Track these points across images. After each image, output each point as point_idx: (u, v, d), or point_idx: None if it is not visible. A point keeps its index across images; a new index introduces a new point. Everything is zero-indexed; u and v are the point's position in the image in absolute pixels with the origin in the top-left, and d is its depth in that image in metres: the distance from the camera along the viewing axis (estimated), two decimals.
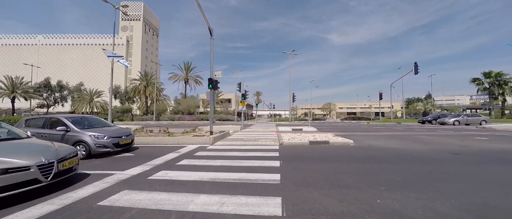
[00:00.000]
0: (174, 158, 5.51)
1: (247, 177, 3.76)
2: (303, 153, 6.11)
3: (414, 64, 22.78)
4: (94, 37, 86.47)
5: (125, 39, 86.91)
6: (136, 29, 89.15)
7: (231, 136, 10.52)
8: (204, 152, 6.37)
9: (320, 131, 13.81)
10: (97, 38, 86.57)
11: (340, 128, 18.30)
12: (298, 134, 10.34)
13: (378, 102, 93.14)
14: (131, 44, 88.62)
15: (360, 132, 13.01)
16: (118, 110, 36.16)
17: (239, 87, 15.44)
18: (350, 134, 11.56)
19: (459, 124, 19.87)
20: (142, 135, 9.13)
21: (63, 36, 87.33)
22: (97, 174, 4.11)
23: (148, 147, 7.39)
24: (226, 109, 48.83)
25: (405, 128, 16.86)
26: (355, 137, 9.80)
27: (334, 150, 6.56)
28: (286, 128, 15.60)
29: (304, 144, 7.51)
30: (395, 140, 8.87)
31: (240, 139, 9.30)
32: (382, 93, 27.53)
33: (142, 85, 37.31)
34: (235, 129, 14.70)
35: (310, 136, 9.25)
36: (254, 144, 7.79)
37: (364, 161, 5.04)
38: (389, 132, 12.81)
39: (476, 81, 30.02)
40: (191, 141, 7.97)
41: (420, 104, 34.52)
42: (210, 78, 8.90)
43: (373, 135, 11.03)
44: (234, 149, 6.78)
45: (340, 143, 7.59)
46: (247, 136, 10.55)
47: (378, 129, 16.41)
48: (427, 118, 23.88)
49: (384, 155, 5.70)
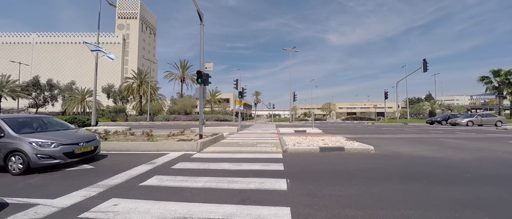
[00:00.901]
0: (142, 174, 4.04)
1: (238, 212, 2.32)
2: (315, 164, 4.67)
3: (423, 61, 21.44)
4: (90, 36, 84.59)
5: (121, 37, 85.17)
6: (132, 28, 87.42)
7: (225, 140, 9.06)
8: (187, 163, 4.91)
9: (327, 133, 12.39)
10: (93, 36, 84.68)
11: (346, 129, 16.89)
12: (303, 137, 8.91)
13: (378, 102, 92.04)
14: (128, 43, 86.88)
15: (372, 135, 11.61)
16: (111, 110, 34.57)
17: (235, 84, 13.99)
18: (362, 137, 10.15)
19: (473, 124, 18.55)
20: (119, 139, 7.66)
21: (57, 35, 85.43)
22: (14, 205, 2.68)
23: (119, 156, 5.92)
24: (224, 109, 47.36)
25: (417, 129, 15.48)
26: (371, 141, 8.38)
27: (355, 160, 5.12)
28: (288, 129, 14.17)
29: (313, 151, 6.07)
30: (421, 145, 7.45)
31: (235, 144, 7.84)
32: (387, 92, 26.20)
33: (135, 84, 35.73)
34: (231, 131, 13.24)
35: (317, 140, 7.81)
36: (251, 151, 6.34)
37: (405, 179, 3.61)
38: (405, 134, 11.41)
39: (485, 79, 28.77)
40: (175, 147, 6.50)
41: (427, 104, 33.21)
42: (199, 71, 7.44)
43: (390, 139, 9.62)
44: (225, 159, 5.32)
45: (358, 150, 6.15)
46: (244, 140, 9.10)
47: (389, 130, 15.03)
48: (436, 119, 22.55)
49: (425, 169, 4.27)
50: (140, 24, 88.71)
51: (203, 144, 6.76)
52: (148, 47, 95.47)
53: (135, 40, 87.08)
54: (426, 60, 21.42)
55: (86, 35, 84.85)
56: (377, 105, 30.49)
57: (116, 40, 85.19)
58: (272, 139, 9.29)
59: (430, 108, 32.23)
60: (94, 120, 15.11)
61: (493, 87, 28.01)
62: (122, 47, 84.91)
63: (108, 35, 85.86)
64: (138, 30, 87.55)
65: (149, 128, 20.36)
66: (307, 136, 9.50)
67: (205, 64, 7.90)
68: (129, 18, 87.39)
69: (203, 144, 6.76)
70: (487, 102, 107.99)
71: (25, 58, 76.65)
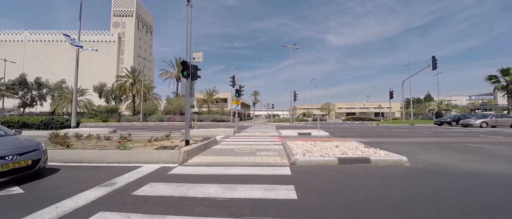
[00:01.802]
0: (81, 209, 2.60)
1: None
2: (342, 189, 3.25)
3: (432, 59, 20.22)
4: (83, 34, 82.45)
5: (116, 35, 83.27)
6: (128, 26, 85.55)
7: (218, 146, 7.61)
8: (158, 185, 3.47)
9: (335, 136, 11.00)
10: (87, 34, 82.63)
11: (353, 131, 15.55)
12: (311, 142, 7.50)
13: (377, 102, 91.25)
14: (123, 41, 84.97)
15: (387, 138, 10.24)
16: (102, 110, 32.90)
17: (232, 81, 12.56)
18: (378, 142, 8.77)
19: (487, 126, 17.34)
20: (87, 146, 6.20)
21: (50, 32, 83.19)
22: None
23: (75, 170, 4.47)
24: (221, 109, 45.86)
25: (432, 132, 14.13)
26: (392, 147, 7.01)
27: (393, 179, 3.72)
28: (290, 131, 12.78)
29: (330, 163, 4.67)
30: (458, 153, 6.09)
31: (230, 152, 6.41)
32: (392, 92, 24.95)
33: (128, 83, 34.10)
34: (227, 133, 11.80)
35: (329, 146, 6.41)
36: (249, 163, 4.91)
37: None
38: (423, 138, 10.06)
39: (493, 78, 27.68)
40: (150, 158, 5.05)
41: (433, 103, 32.08)
42: (184, 62, 5.99)
43: (412, 144, 8.25)
44: (214, 177, 3.89)
45: (388, 161, 4.76)
46: (240, 145, 7.67)
47: (401, 133, 13.71)
48: (446, 119, 21.34)
49: (500, 195, 2.87)
50: (136, 22, 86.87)
51: (188, 153, 5.31)
52: (144, 45, 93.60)
53: (131, 39, 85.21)
54: (435, 57, 20.22)
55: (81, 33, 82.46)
56: (381, 105, 29.39)
57: (111, 38, 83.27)
58: (273, 144, 7.87)
59: (436, 108, 31.05)
60: (74, 121, 13.57)
61: (502, 87, 26.92)
62: (118, 46, 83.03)
63: (103, 33, 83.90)
64: (134, 28, 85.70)
65: (140, 129, 18.89)
66: (315, 141, 8.10)
67: (193, 53, 6.46)
68: (125, 16, 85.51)
69: (188, 153, 5.31)
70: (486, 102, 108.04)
71: (17, 57, 74.39)
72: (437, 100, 34.78)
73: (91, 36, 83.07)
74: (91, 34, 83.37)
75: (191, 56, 6.45)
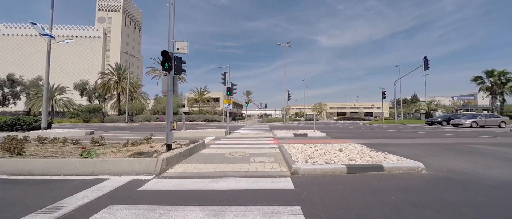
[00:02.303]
0: None
1: None
2: (362, 208, 2.52)
3: (424, 59, 20.34)
4: (65, 28, 77.91)
5: (102, 31, 79.27)
6: (115, 21, 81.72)
7: (206, 150, 6.73)
8: (120, 210, 2.57)
9: (332, 137, 10.42)
10: (69, 29, 78.06)
11: (349, 131, 15.14)
12: (310, 144, 6.81)
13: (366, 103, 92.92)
14: (109, 37, 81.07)
15: (388, 139, 9.78)
16: (83, 110, 30.69)
17: (223, 79, 11.66)
18: (380, 143, 8.25)
19: (477, 125, 17.59)
20: (45, 153, 5.13)
21: (28, 26, 77.75)
22: None
23: (18, 186, 3.46)
24: (213, 108, 44.60)
25: (428, 132, 13.94)
26: (396, 150, 6.47)
27: (417, 193, 3.04)
28: (285, 132, 12.09)
29: (338, 172, 3.96)
30: (468, 157, 5.60)
31: (219, 157, 5.56)
32: (385, 91, 25.03)
33: (113, 80, 32.08)
34: (217, 135, 10.91)
35: (333, 150, 5.74)
36: (242, 173, 4.10)
37: None
38: (423, 139, 9.68)
39: (478, 79, 28.58)
40: (121, 167, 4.11)
41: (423, 103, 32.72)
42: (165, 52, 5.07)
43: (415, 145, 7.78)
44: (196, 195, 3.05)
45: (404, 169, 4.12)
46: (232, 149, 6.83)
47: (397, 133, 13.42)
48: (437, 119, 21.59)
49: None
50: (123, 18, 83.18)
51: (168, 161, 4.41)
52: (132, 42, 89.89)
53: (117, 35, 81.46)
54: (427, 57, 20.34)
55: (60, 28, 77.91)
56: (374, 105, 29.60)
57: (96, 34, 79.20)
58: (269, 147, 7.10)
59: (426, 108, 31.67)
60: (45, 122, 12.11)
61: (486, 88, 27.84)
62: (103, 42, 79.10)
63: (87, 28, 79.60)
64: (121, 23, 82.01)
65: (123, 130, 17.41)
66: (314, 143, 7.43)
67: (177, 43, 5.55)
68: (111, 11, 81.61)
69: (168, 161, 4.41)
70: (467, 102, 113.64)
71: None
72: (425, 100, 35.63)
73: (73, 31, 78.48)
74: (74, 29, 78.77)
75: (174, 46, 5.53)
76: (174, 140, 7.19)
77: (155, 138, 7.94)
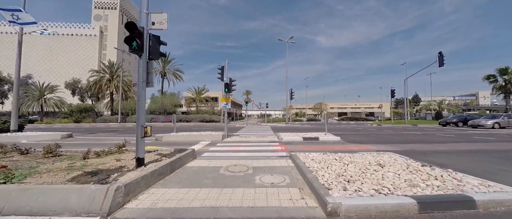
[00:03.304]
0: None
1: None
2: None
3: (439, 54, 18.83)
4: (60, 26, 76.05)
5: (98, 29, 77.49)
6: (111, 19, 79.95)
7: (196, 162, 5.13)
8: None
9: (349, 141, 8.85)
10: (64, 27, 76.23)
11: (363, 134, 13.58)
12: (333, 154, 5.24)
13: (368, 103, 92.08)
14: (106, 36, 79.27)
15: (416, 145, 8.22)
16: (74, 109, 28.97)
17: (220, 73, 10.07)
18: (413, 151, 6.69)
19: (499, 127, 16.09)
20: None
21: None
22: None
23: None
24: (211, 108, 43.04)
25: (455, 135, 12.33)
26: (443, 160, 4.92)
27: None
28: (291, 135, 10.52)
29: (402, 210, 2.38)
30: None
31: (210, 176, 3.99)
32: (394, 90, 23.52)
33: (105, 79, 30.40)
34: (214, 139, 9.32)
35: (369, 163, 4.18)
36: (242, 212, 2.51)
37: None
38: (461, 145, 8.12)
39: (490, 78, 27.11)
40: (49, 202, 2.52)
41: (433, 103, 31.24)
42: (131, 25, 3.45)
43: (459, 153, 6.22)
44: None
45: (504, 202, 2.54)
46: (229, 161, 5.24)
47: (419, 136, 11.87)
48: (452, 120, 20.08)
49: None
50: (120, 16, 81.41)
51: (128, 189, 2.82)
52: None
53: (114, 33, 79.67)
54: (442, 53, 18.83)
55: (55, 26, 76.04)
56: (381, 104, 28.22)
57: (92, 32, 77.41)
58: (278, 157, 5.51)
59: (437, 108, 30.17)
60: (15, 123, 10.49)
61: (500, 86, 26.36)
62: (99, 40, 77.30)
63: (82, 26, 77.80)
64: (118, 22, 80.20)
65: (113, 132, 15.62)
66: (332, 149, 5.86)
67: (152, 15, 3.97)
68: (107, 8, 79.81)
69: (128, 189, 2.82)
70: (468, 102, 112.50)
71: None
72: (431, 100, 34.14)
73: (69, 29, 76.62)
74: (70, 27, 76.91)
75: (148, 19, 3.94)
76: (156, 149, 5.60)
77: (132, 145, 6.34)
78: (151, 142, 9.25)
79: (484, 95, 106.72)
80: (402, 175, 3.41)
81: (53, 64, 72.62)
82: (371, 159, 4.56)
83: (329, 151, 6.12)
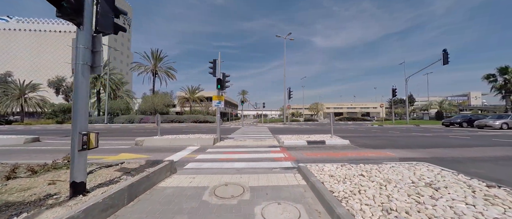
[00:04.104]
0: None
1: None
2: None
3: (443, 52, 18.07)
4: (47, 23, 72.78)
5: None
6: None
7: (170, 182, 3.83)
8: None
9: (360, 145, 7.70)
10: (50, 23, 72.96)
11: (369, 136, 12.54)
12: (353, 167, 4.06)
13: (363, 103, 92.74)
14: None
15: (441, 149, 7.15)
16: (56, 109, 26.97)
17: (212, 67, 8.76)
18: (442, 158, 5.57)
19: (507, 127, 15.38)
20: None
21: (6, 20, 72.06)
22: None
23: None
24: (206, 108, 41.51)
25: (471, 136, 11.31)
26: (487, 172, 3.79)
27: None
28: (292, 137, 9.32)
29: None
30: None
31: (187, 207, 2.70)
32: (396, 89, 22.74)
33: (91, 77, 28.51)
34: (203, 143, 8.01)
35: (411, 181, 2.99)
36: None
37: None
38: (487, 149, 7.09)
39: (490, 77, 26.73)
40: None
41: (434, 103, 30.74)
42: None
43: (498, 161, 5.13)
44: None
45: None
46: (218, 177, 3.96)
47: (436, 139, 10.89)
48: (456, 120, 19.36)
49: None
50: None
51: None
52: (121, 39, 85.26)
53: None
54: (446, 50, 18.07)
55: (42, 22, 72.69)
56: (382, 104, 27.59)
57: None
58: (282, 170, 4.27)
59: (438, 108, 29.64)
60: None
61: (500, 86, 25.98)
62: None
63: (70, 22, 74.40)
64: None
65: (95, 132, 13.85)
66: (346, 155, 4.69)
67: None
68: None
69: None
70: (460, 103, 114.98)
71: None
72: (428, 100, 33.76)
73: (56, 25, 73.35)
74: (57, 24, 73.63)
75: None
76: (120, 161, 4.26)
77: (131, 143, 5.02)
78: (130, 147, 7.89)
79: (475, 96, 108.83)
80: (479, 206, 2.24)
81: (39, 62, 69.25)
82: (409, 174, 3.39)
83: (344, 159, 4.94)
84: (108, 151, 6.97)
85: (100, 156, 6.11)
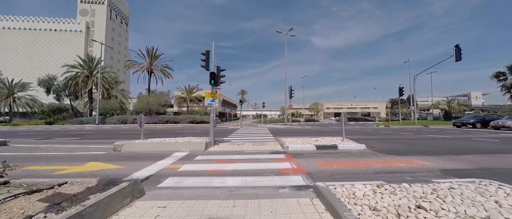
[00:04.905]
0: None
1: None
2: None
3: (455, 47, 16.94)
4: (43, 21, 71.35)
5: (84, 25, 73.17)
6: (99, 14, 75.73)
7: (128, 212, 2.59)
8: None
9: (377, 151, 6.49)
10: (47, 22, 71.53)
11: (385, 140, 11.37)
12: (406, 196, 2.87)
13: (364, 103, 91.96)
14: (92, 32, 74.95)
15: (476, 155, 5.96)
16: (45, 110, 25.66)
17: (205, 60, 7.55)
18: (490, 170, 4.39)
19: None
20: None
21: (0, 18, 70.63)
22: None
23: None
24: (204, 108, 40.25)
25: (500, 140, 10.07)
26: None
27: None
28: (297, 141, 8.12)
29: None
30: None
31: None
32: (403, 88, 21.61)
33: (82, 75, 27.21)
34: (193, 148, 6.80)
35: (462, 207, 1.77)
36: None
37: None
38: None
39: (500, 75, 25.62)
40: None
41: (442, 103, 29.65)
42: None
43: None
44: None
45: None
46: (201, 204, 2.74)
47: (453, 141, 9.72)
48: (468, 120, 18.24)
49: None
50: (108, 11, 77.26)
51: None
52: (118, 38, 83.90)
53: (101, 29, 75.44)
54: (459, 46, 16.95)
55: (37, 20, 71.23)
56: (388, 105, 26.46)
57: (77, 27, 73.05)
58: (293, 193, 3.05)
59: (446, 108, 28.54)
60: None
61: (511, 85, 24.86)
62: (85, 36, 72.97)
63: (67, 21, 73.29)
64: (106, 17, 76.06)
65: (77, 136, 12.39)
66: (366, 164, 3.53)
67: None
68: (94, 3, 75.58)
69: None
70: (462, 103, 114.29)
71: None
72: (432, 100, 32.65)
73: (52, 24, 71.92)
74: (53, 22, 72.20)
75: None
76: (62, 183, 3.02)
77: (119, 143, 3.78)
78: (106, 153, 6.67)
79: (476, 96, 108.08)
80: None
81: (33, 61, 67.77)
82: (490, 204, 2.18)
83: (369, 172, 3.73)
84: (76, 159, 5.75)
85: (62, 167, 4.90)
